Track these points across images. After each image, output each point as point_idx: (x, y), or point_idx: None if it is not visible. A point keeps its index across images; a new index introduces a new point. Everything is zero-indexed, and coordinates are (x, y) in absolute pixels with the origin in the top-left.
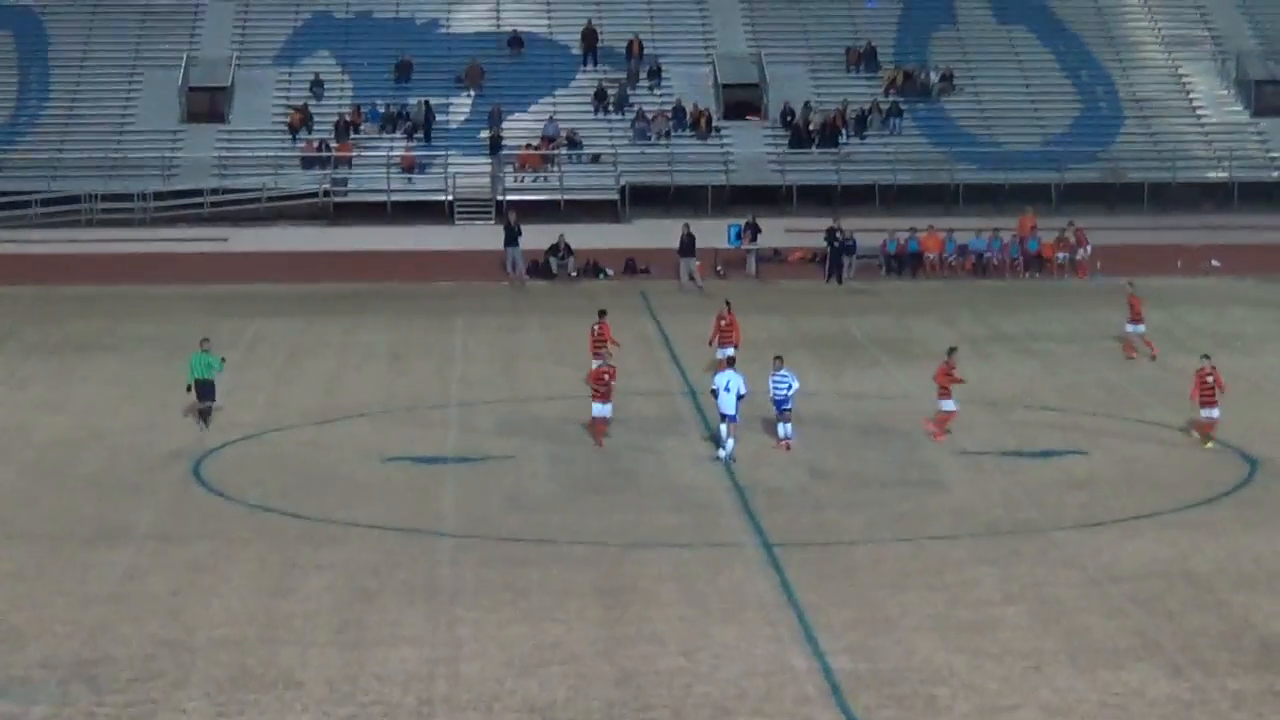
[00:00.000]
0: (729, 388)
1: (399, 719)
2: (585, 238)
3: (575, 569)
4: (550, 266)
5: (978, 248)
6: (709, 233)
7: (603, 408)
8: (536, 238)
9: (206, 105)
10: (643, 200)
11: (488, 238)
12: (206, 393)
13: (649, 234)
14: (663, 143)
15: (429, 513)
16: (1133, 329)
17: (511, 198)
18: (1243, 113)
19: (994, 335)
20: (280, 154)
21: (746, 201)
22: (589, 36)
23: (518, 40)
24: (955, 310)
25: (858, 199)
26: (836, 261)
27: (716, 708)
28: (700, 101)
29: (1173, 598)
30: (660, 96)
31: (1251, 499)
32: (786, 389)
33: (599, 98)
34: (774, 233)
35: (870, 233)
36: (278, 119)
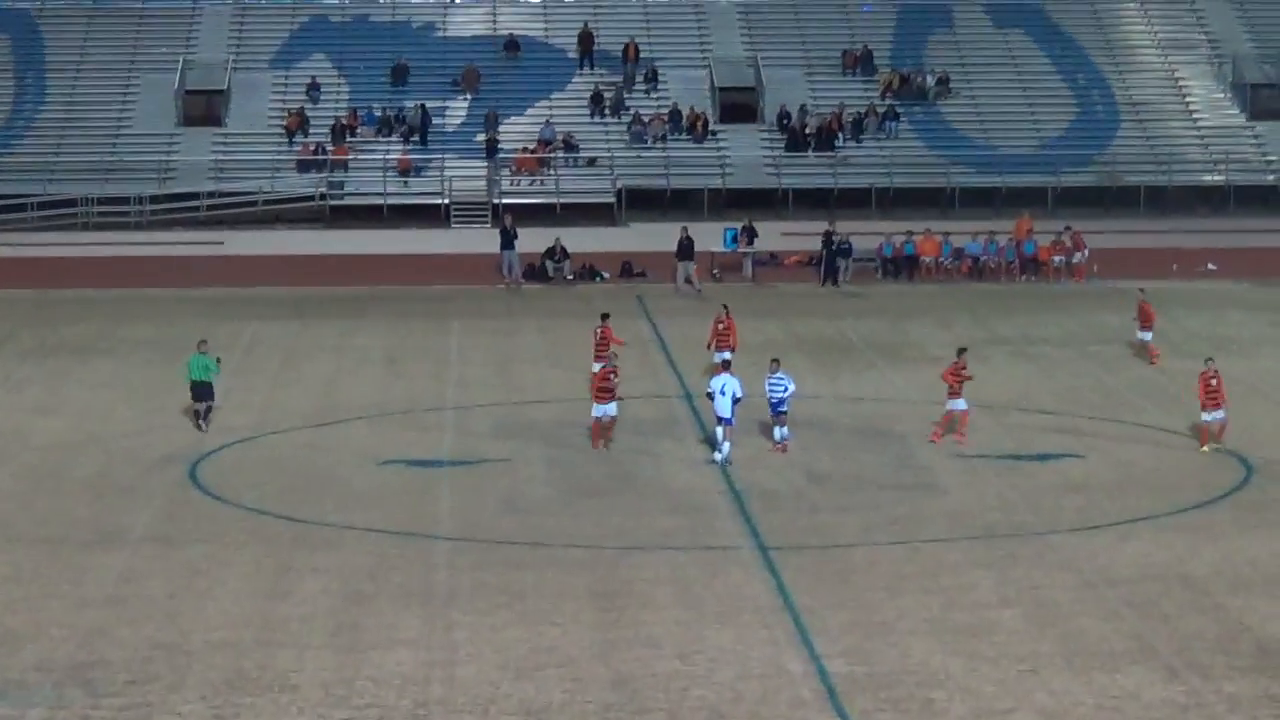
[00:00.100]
0: (725, 391)
1: None
2: (581, 241)
3: (571, 572)
4: (546, 270)
5: (974, 251)
6: (705, 236)
7: (604, 408)
8: (533, 241)
9: (203, 108)
10: (639, 204)
11: (484, 241)
12: (204, 394)
13: (645, 237)
14: (659, 146)
15: (425, 516)
16: (1142, 335)
17: (508, 201)
18: (1238, 116)
19: (990, 338)
20: (276, 157)
21: (743, 205)
22: (585, 40)
23: (514, 44)
24: (952, 314)
25: (854, 202)
26: (832, 265)
27: (712, 711)
28: (696, 105)
29: (1169, 601)
30: (656, 100)
31: (1248, 502)
32: (783, 391)
33: (595, 101)
34: (770, 236)
35: (866, 236)
36: (274, 122)
